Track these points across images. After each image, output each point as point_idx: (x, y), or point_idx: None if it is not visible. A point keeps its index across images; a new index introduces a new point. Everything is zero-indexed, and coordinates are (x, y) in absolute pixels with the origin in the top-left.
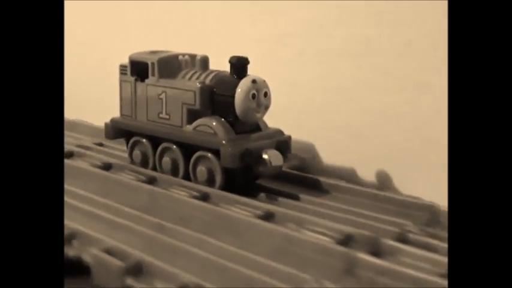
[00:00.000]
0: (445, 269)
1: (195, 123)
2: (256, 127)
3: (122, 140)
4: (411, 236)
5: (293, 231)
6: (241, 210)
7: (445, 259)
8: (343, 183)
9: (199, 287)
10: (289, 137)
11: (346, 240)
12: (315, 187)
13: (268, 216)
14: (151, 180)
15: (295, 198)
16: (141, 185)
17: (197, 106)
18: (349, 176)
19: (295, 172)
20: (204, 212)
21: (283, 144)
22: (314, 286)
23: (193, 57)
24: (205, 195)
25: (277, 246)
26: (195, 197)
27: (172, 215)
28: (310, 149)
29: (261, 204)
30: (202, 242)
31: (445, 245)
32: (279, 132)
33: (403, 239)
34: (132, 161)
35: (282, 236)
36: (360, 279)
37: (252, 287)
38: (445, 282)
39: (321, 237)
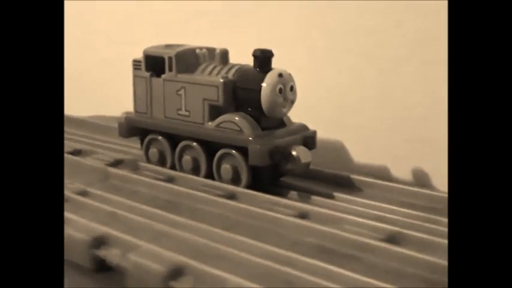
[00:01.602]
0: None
1: (218, 120)
2: (281, 122)
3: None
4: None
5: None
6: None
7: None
8: (371, 180)
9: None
10: (315, 132)
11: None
12: (340, 184)
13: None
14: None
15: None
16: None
17: (220, 102)
18: (378, 172)
19: (320, 169)
20: (156, 189)
21: (309, 139)
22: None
23: (211, 50)
24: (170, 178)
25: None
26: (158, 179)
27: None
28: (334, 146)
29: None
30: (157, 216)
31: None
32: (304, 128)
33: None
34: (148, 160)
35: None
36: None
37: None
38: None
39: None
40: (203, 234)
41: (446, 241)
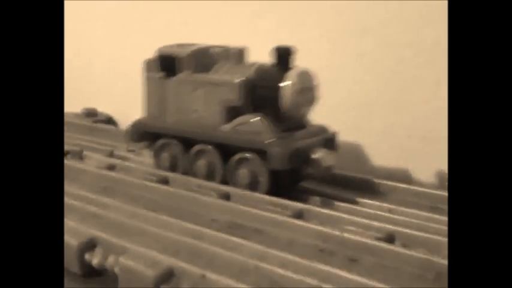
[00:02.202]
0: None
1: (235, 122)
2: (300, 124)
3: None
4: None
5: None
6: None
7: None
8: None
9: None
10: (335, 134)
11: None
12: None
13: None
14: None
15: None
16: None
17: (238, 102)
18: (398, 176)
19: (340, 172)
20: (96, 177)
21: (330, 142)
22: None
23: (226, 49)
24: (112, 166)
25: None
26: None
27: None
28: (353, 149)
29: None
30: (90, 199)
31: None
32: (324, 129)
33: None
34: (159, 165)
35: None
36: None
37: None
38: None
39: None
40: (130, 214)
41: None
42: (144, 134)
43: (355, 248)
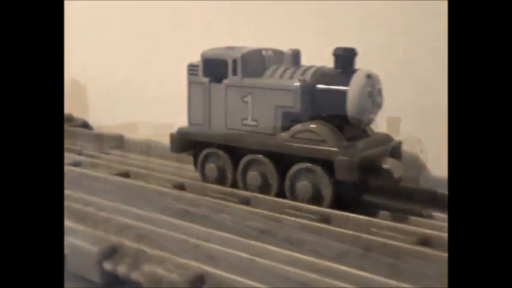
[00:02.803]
0: None
1: (293, 130)
2: (363, 132)
3: None
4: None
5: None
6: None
7: None
8: None
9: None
10: (401, 143)
11: None
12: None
13: None
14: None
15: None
16: None
17: (296, 108)
18: None
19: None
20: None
21: (396, 151)
22: None
23: (277, 52)
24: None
25: None
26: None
27: None
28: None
29: None
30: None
31: None
32: (389, 138)
33: None
34: (205, 178)
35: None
36: None
37: None
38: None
39: None
40: (85, 203)
41: None
42: (188, 143)
43: (292, 229)
